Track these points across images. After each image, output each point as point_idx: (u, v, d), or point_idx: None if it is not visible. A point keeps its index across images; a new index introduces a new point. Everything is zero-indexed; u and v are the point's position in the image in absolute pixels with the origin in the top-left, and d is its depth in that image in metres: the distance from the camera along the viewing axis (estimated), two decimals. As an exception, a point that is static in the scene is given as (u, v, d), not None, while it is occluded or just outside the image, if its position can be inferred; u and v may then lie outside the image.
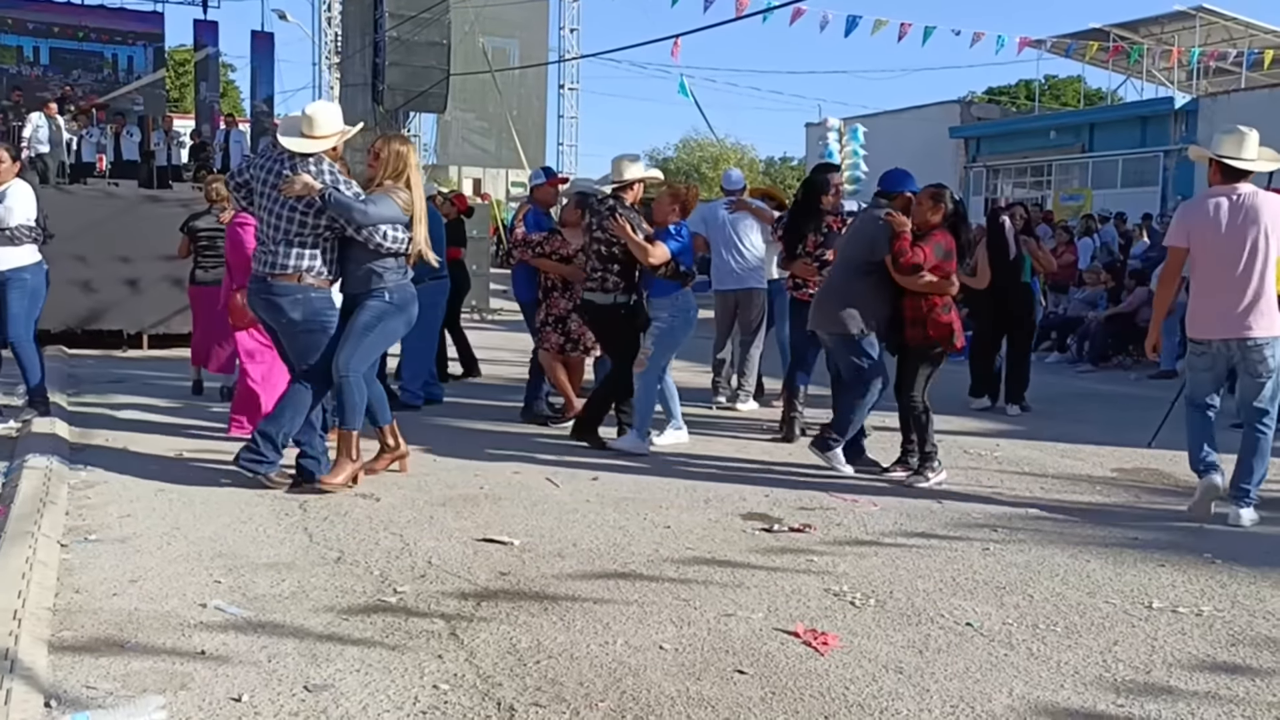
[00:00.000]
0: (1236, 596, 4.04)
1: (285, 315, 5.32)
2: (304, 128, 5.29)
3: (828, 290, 6.16)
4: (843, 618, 3.70)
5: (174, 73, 35.40)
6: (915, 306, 5.87)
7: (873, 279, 5.91)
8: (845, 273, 6.06)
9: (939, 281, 5.83)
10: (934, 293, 5.85)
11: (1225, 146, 5.15)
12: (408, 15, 17.61)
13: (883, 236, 5.84)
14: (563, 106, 30.73)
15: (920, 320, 5.87)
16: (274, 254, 5.26)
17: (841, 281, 6.07)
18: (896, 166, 6.60)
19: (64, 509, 4.87)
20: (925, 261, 5.74)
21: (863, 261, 5.94)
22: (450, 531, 4.68)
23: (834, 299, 6.03)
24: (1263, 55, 23.25)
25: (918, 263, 5.71)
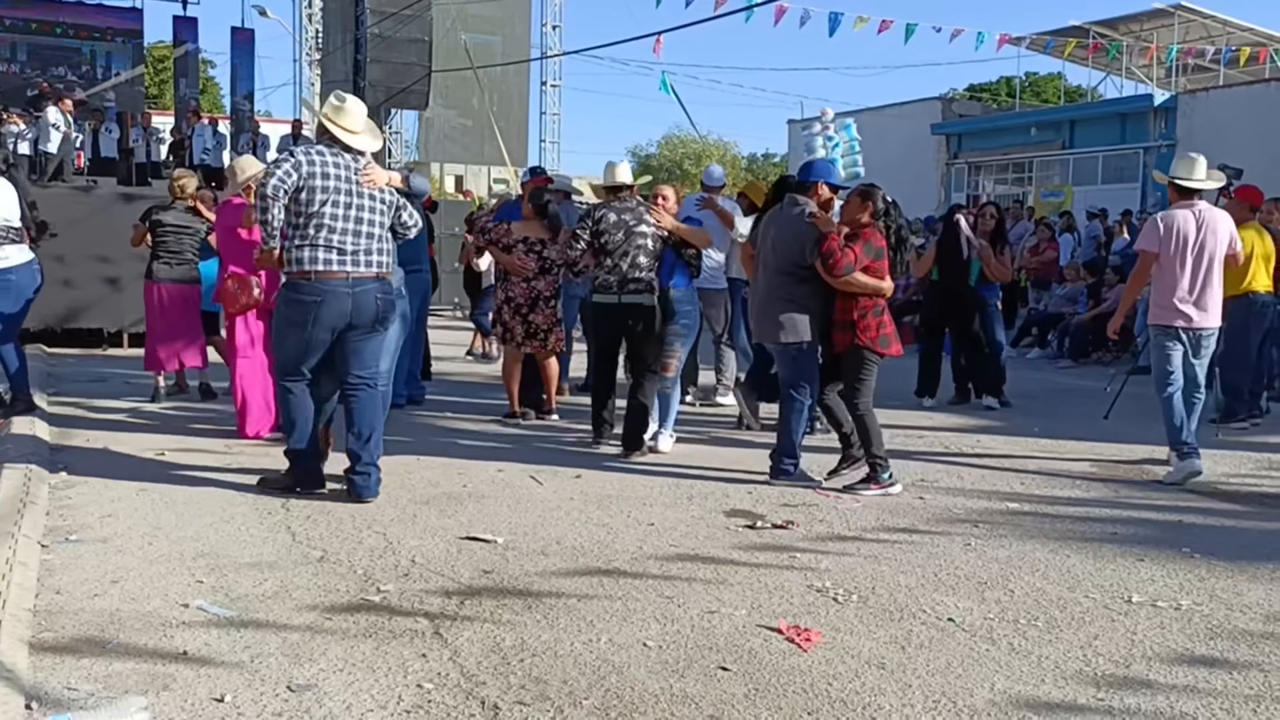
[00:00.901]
0: (1215, 590, 4.07)
1: (391, 315, 5.34)
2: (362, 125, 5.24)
3: (767, 299, 5.89)
4: (825, 614, 3.72)
5: (153, 69, 35.13)
6: (845, 309, 5.68)
7: (811, 284, 5.72)
8: (779, 278, 5.82)
9: (872, 282, 5.66)
10: (867, 294, 5.66)
11: (1181, 169, 6.32)
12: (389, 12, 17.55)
13: (811, 238, 5.65)
14: (545, 103, 30.71)
15: (849, 324, 5.66)
16: (377, 252, 5.17)
17: (778, 287, 5.82)
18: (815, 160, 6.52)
19: (44, 509, 4.83)
20: (856, 262, 5.56)
21: (796, 266, 5.73)
22: (434, 530, 4.67)
23: (774, 307, 5.80)
24: (1239, 53, 23.41)
25: (849, 264, 5.53)
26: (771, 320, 5.81)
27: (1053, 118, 28.62)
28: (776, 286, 5.81)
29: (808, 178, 5.96)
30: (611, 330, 6.61)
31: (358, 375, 5.19)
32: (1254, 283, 7.90)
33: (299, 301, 5.07)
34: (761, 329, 5.97)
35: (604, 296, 6.52)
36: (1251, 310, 7.98)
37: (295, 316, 5.10)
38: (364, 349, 5.20)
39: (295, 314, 5.10)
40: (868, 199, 5.77)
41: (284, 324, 5.19)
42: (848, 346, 5.70)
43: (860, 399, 5.69)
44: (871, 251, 5.65)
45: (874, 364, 5.71)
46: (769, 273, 5.87)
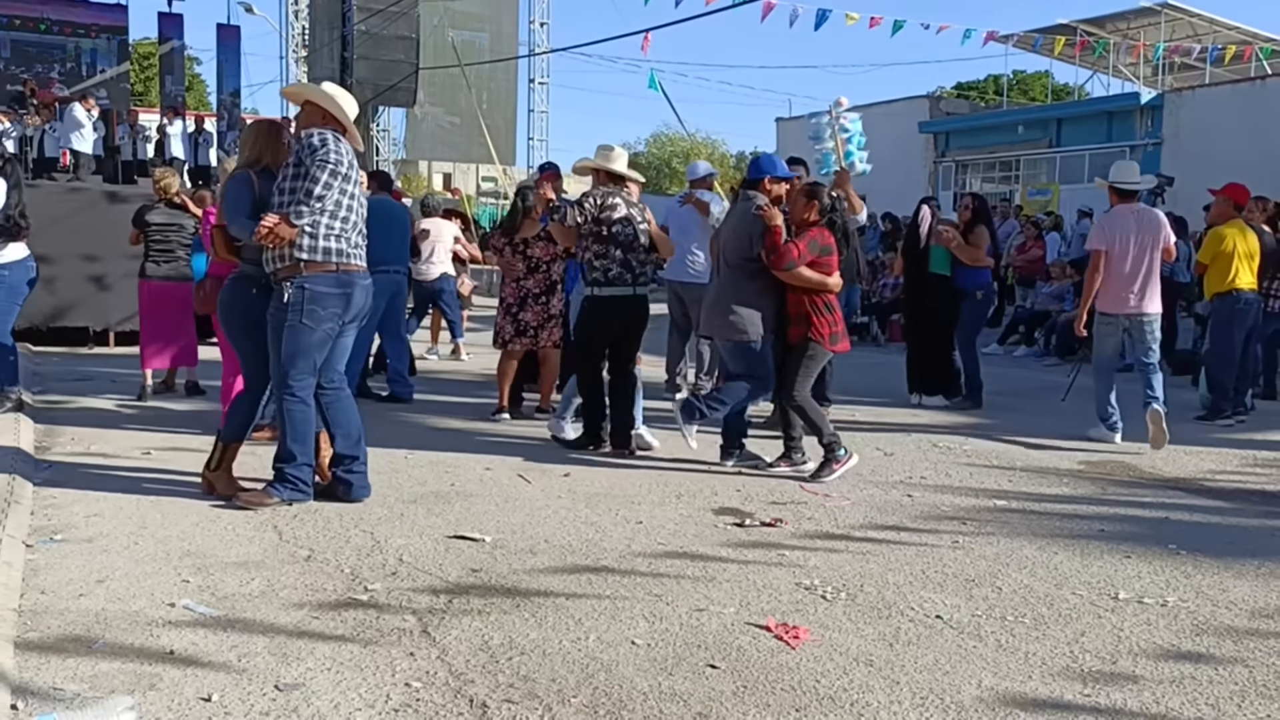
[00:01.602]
0: (1200, 587, 4.09)
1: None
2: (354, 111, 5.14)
3: (718, 294, 5.91)
4: (814, 611, 3.72)
5: (138, 66, 34.98)
6: (797, 303, 5.81)
7: (761, 280, 5.78)
8: (731, 274, 5.87)
9: (818, 278, 5.75)
10: (815, 289, 5.77)
11: (1120, 175, 7.32)
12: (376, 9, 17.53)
13: (757, 231, 5.72)
14: (533, 101, 30.69)
15: (802, 317, 5.79)
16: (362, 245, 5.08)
17: (730, 284, 5.87)
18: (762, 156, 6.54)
19: (29, 509, 4.80)
20: (800, 258, 5.64)
21: (745, 260, 5.79)
22: (421, 529, 4.66)
23: (724, 303, 5.83)
24: (1225, 51, 23.52)
25: (792, 259, 5.62)
26: (722, 317, 5.84)
27: (1040, 116, 28.72)
28: (729, 282, 5.87)
29: (757, 174, 6.03)
30: (622, 324, 6.45)
31: (339, 373, 5.12)
32: (1237, 280, 7.95)
33: (329, 295, 4.85)
34: (712, 325, 5.96)
35: (619, 289, 6.36)
36: (1235, 307, 8.03)
37: (323, 313, 4.85)
38: (347, 345, 5.13)
39: (324, 310, 4.85)
40: (813, 197, 5.86)
41: (308, 321, 4.83)
42: (799, 339, 5.82)
43: (800, 389, 5.80)
44: (817, 248, 5.74)
45: (820, 358, 5.88)
46: (723, 268, 5.95)
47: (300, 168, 4.81)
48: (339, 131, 4.99)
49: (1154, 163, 23.76)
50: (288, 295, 4.81)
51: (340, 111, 5.02)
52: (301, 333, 4.84)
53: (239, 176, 5.06)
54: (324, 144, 4.81)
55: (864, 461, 6.37)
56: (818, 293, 5.80)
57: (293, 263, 4.81)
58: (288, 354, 4.85)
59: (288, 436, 4.92)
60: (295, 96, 5.28)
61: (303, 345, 4.85)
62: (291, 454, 4.92)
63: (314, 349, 4.88)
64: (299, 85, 5.32)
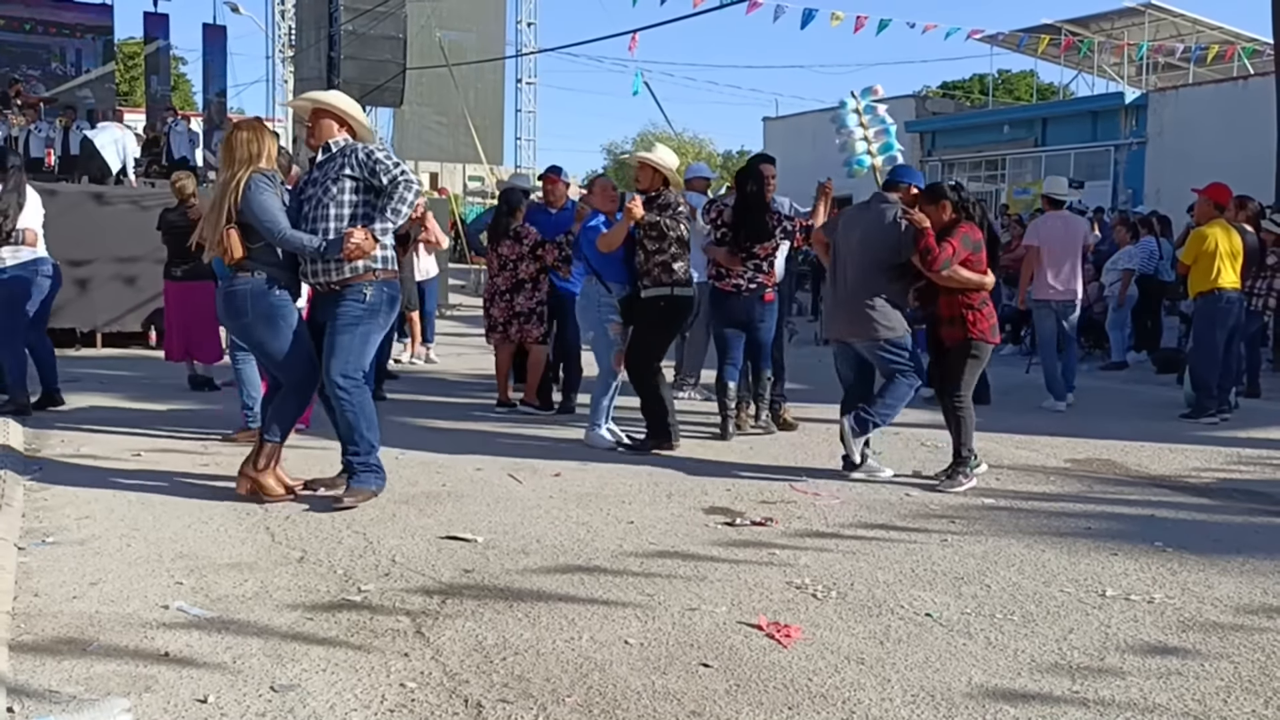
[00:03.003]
0: (1186, 583, 4.14)
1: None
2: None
3: (855, 296, 5.80)
4: (805, 610, 3.75)
5: (124, 66, 34.82)
6: (951, 304, 5.73)
7: (902, 282, 5.77)
8: (873, 276, 5.78)
9: (975, 277, 5.70)
10: (971, 288, 5.71)
11: (1053, 188, 9.00)
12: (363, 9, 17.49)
13: (908, 238, 5.65)
14: (520, 101, 30.68)
15: (957, 318, 5.72)
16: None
17: (870, 285, 5.78)
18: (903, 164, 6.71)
19: (20, 511, 4.80)
20: (954, 256, 5.59)
21: (890, 265, 5.74)
22: (413, 529, 4.68)
23: (863, 305, 5.75)
24: (1208, 50, 23.67)
25: (947, 258, 5.57)
26: (864, 318, 5.76)
27: (1025, 115, 28.86)
28: (867, 284, 5.78)
29: (900, 179, 6.04)
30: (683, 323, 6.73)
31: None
32: (1220, 280, 8.02)
33: (395, 299, 5.14)
34: (853, 327, 5.83)
35: (686, 290, 6.59)
36: (1218, 307, 8.10)
37: (392, 316, 5.18)
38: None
39: (391, 313, 5.15)
40: (939, 197, 5.78)
41: (382, 322, 5.11)
42: (958, 341, 5.74)
43: (964, 392, 5.77)
44: (969, 244, 5.68)
45: (984, 355, 5.82)
46: (857, 270, 5.84)
47: (358, 181, 4.92)
48: (351, 136, 5.07)
49: (1138, 161, 23.93)
50: (369, 296, 4.96)
51: (355, 117, 5.09)
52: (376, 333, 5.09)
53: (260, 181, 4.92)
54: (396, 162, 4.98)
55: (853, 460, 6.42)
56: (974, 291, 5.73)
57: (366, 270, 4.93)
58: (360, 350, 5.02)
59: (363, 426, 5.02)
60: (303, 108, 5.22)
61: (373, 344, 5.13)
62: (371, 443, 5.06)
63: (371, 349, 5.14)
64: (304, 96, 5.29)
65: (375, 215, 4.92)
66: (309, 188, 5.06)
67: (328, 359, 4.97)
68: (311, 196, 4.99)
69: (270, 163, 5.04)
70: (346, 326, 4.96)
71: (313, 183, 5.06)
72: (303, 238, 4.89)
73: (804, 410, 7.97)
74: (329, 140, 5.04)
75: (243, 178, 4.90)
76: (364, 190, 4.95)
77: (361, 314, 4.97)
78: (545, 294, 7.86)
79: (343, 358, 4.95)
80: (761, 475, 5.96)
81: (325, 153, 5.06)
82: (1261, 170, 14.26)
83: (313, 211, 4.96)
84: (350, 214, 4.92)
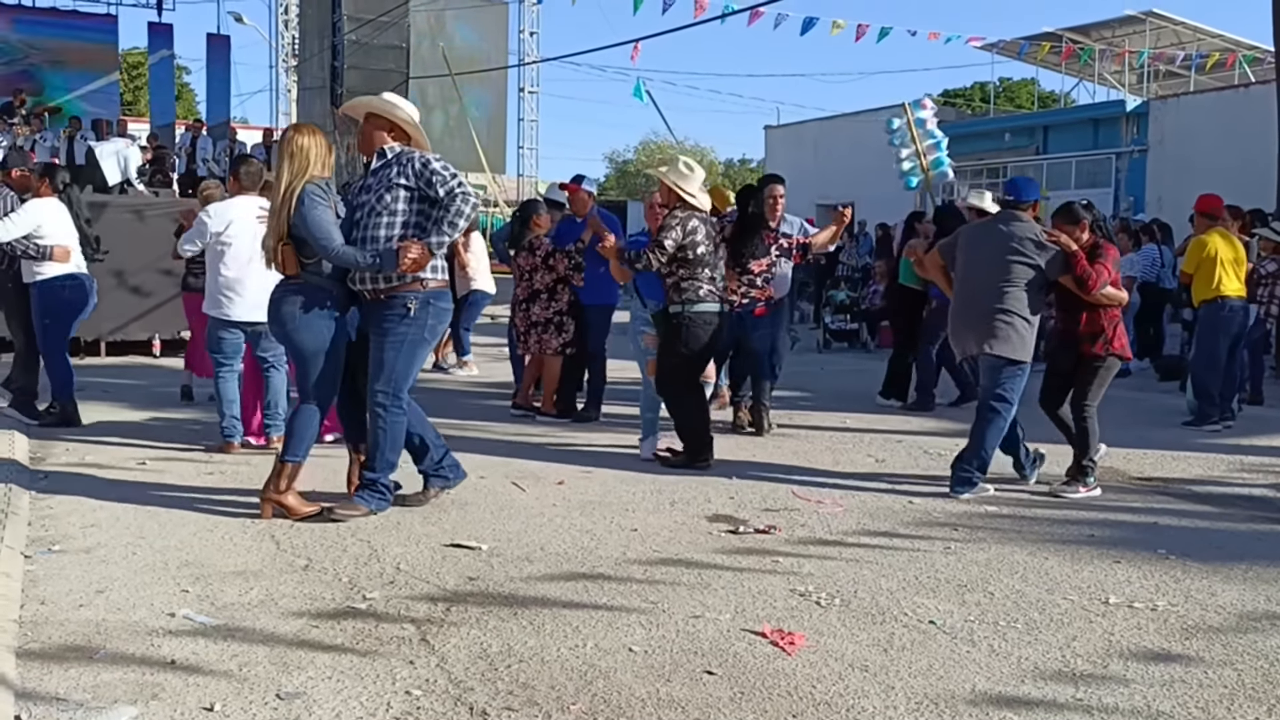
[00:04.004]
0: (1190, 591, 4.14)
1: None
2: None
3: (986, 312, 5.75)
4: (809, 617, 3.76)
5: (128, 76, 34.92)
6: (1093, 320, 5.82)
7: (1033, 300, 5.77)
8: (1004, 293, 5.74)
9: (1119, 295, 5.89)
10: (1114, 304, 5.85)
11: (980, 201, 8.20)
12: (366, 19, 17.56)
13: (1058, 260, 5.71)
14: (523, 109, 30.74)
15: (1100, 335, 5.81)
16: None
17: (1001, 302, 5.74)
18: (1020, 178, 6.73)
19: (26, 519, 4.82)
20: (1110, 277, 5.74)
21: (1027, 282, 5.73)
22: (418, 537, 4.69)
23: (1001, 321, 5.72)
24: (1209, 58, 23.72)
25: (1105, 281, 5.68)
26: (1002, 334, 5.74)
27: (1026, 123, 28.91)
28: (1004, 301, 5.75)
29: (1025, 196, 6.00)
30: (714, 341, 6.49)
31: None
32: (1223, 287, 8.03)
33: (446, 311, 5.07)
34: (989, 341, 5.78)
35: (713, 305, 6.38)
36: (1222, 314, 8.11)
37: (440, 328, 5.10)
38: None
39: (441, 325, 5.09)
40: (1076, 218, 5.84)
41: (429, 336, 5.00)
42: (1094, 355, 5.86)
43: (1093, 403, 5.91)
44: (1116, 265, 5.84)
45: (1114, 369, 5.98)
46: (984, 287, 5.81)
47: (412, 191, 4.84)
48: (404, 142, 5.00)
49: (1140, 169, 23.95)
50: (414, 308, 4.85)
51: (410, 124, 5.01)
52: (423, 348, 4.98)
53: (313, 194, 4.84)
54: (454, 174, 4.89)
55: (855, 468, 6.43)
56: (1113, 307, 5.86)
57: (413, 280, 4.84)
58: (405, 367, 4.90)
59: (387, 447, 4.94)
60: (355, 110, 5.14)
61: (419, 359, 5.00)
62: (390, 464, 4.99)
63: (423, 362, 5.07)
64: (358, 100, 5.24)
65: (430, 228, 4.82)
66: (362, 194, 4.98)
67: (373, 374, 4.90)
68: (364, 204, 4.91)
69: (327, 170, 4.98)
70: (392, 343, 4.87)
71: (365, 189, 4.97)
72: (355, 255, 4.79)
73: (806, 418, 8.00)
74: (383, 147, 4.97)
75: (297, 188, 4.82)
76: (418, 200, 4.85)
77: (406, 328, 4.87)
78: (565, 304, 7.93)
79: (386, 375, 4.88)
80: (764, 483, 5.96)
81: (380, 159, 4.97)
82: (1262, 177, 14.27)
83: (365, 220, 4.87)
84: (403, 224, 4.82)
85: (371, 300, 4.94)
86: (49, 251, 7.10)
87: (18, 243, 7.05)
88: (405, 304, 4.85)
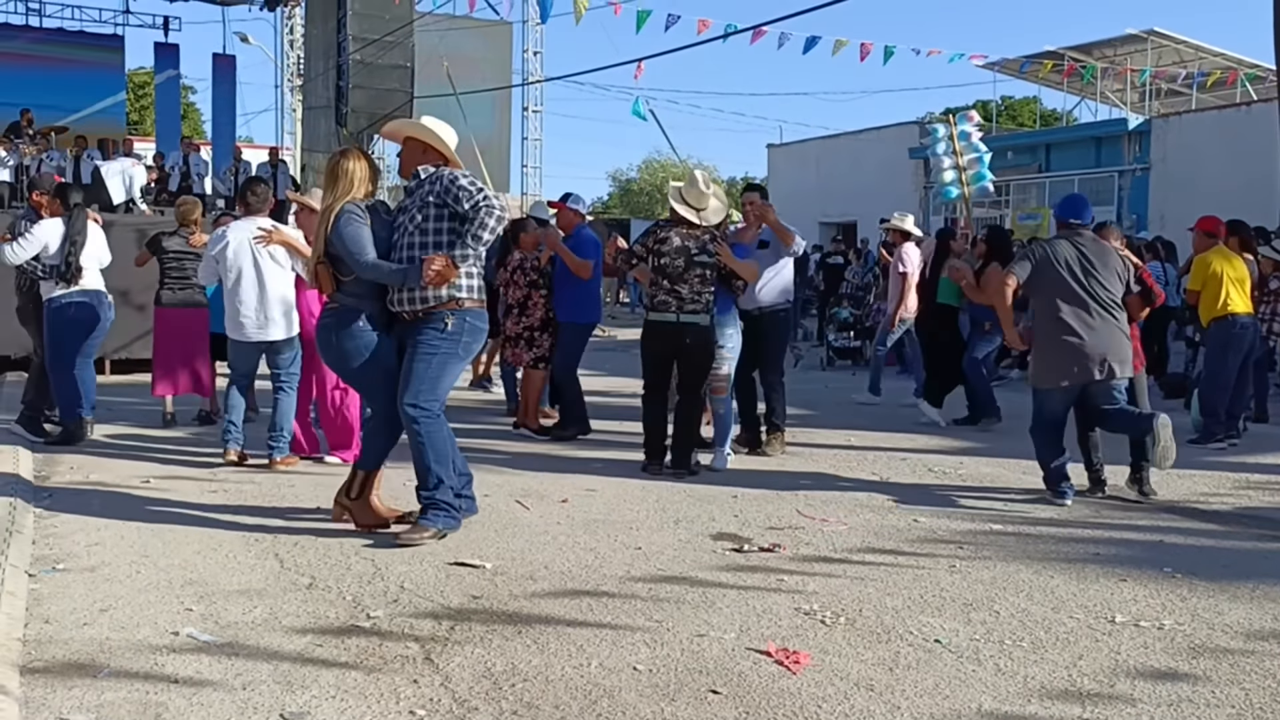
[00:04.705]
0: (1196, 610, 4.13)
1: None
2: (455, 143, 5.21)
3: (1115, 332, 5.84)
4: (814, 636, 3.75)
5: (134, 95, 35.09)
6: (1134, 335, 6.03)
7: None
8: (1118, 312, 5.86)
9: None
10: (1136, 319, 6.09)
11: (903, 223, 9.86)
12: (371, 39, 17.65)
13: (1132, 275, 5.90)
14: (526, 129, 30.81)
15: (1135, 351, 6.03)
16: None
17: (1120, 319, 5.87)
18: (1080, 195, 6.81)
19: (30, 538, 4.82)
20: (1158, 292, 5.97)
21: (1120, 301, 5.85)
22: (422, 555, 4.68)
23: (1125, 338, 5.83)
24: (1210, 76, 23.79)
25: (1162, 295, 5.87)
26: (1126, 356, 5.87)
27: (1029, 141, 28.96)
28: (1118, 320, 5.85)
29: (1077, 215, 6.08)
30: (665, 350, 6.67)
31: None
32: (1231, 305, 8.04)
33: (480, 330, 5.06)
34: (1118, 363, 5.85)
35: (661, 315, 6.59)
36: (1232, 332, 8.11)
37: (475, 345, 5.09)
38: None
39: (476, 343, 5.08)
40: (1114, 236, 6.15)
41: (463, 353, 5.00)
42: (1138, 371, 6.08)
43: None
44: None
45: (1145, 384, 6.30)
46: (1104, 306, 5.83)
47: (444, 208, 4.88)
48: (441, 163, 5.05)
49: (1142, 187, 23.98)
50: (450, 325, 4.88)
51: (443, 145, 5.06)
52: (454, 363, 4.97)
53: (351, 213, 4.93)
54: (480, 188, 4.89)
55: (860, 485, 6.42)
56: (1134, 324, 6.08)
57: (449, 299, 4.87)
58: (437, 381, 4.91)
59: (431, 459, 4.90)
60: (395, 134, 5.22)
61: (452, 374, 5.01)
62: (439, 478, 4.92)
63: (451, 380, 5.03)
64: (397, 123, 5.35)
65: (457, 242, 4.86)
66: (400, 215, 5.04)
67: (402, 386, 4.90)
68: (401, 224, 4.98)
69: (369, 192, 5.08)
70: (424, 355, 4.88)
71: (403, 210, 5.04)
72: (383, 266, 4.87)
73: (810, 435, 7.99)
74: (419, 169, 5.04)
75: (336, 208, 4.91)
76: (449, 218, 4.89)
77: (439, 342, 4.88)
78: (537, 319, 8.13)
79: (415, 386, 4.87)
80: (769, 501, 5.96)
81: (415, 180, 5.05)
82: (1264, 195, 14.33)
83: (401, 240, 4.94)
84: (435, 242, 4.87)
85: (410, 320, 4.96)
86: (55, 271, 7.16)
87: (28, 264, 7.17)
88: (443, 320, 4.90)
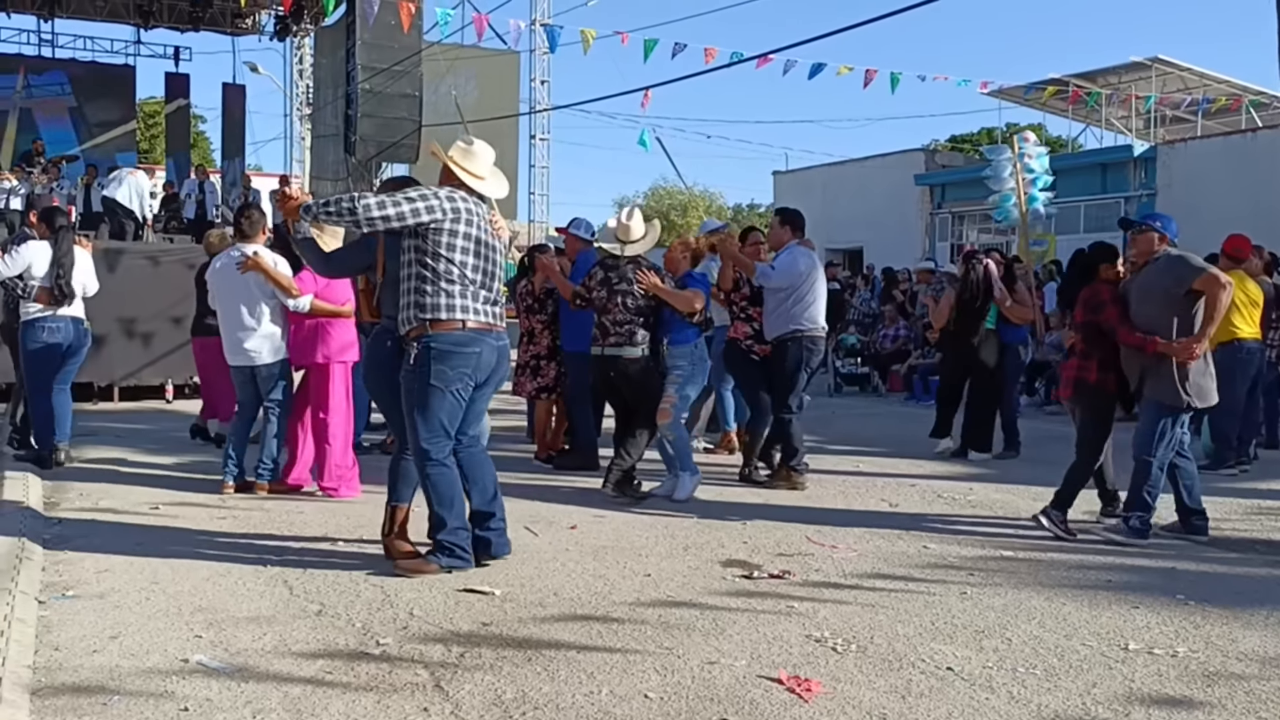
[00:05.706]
0: (1210, 637, 4.10)
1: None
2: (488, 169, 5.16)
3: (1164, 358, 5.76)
4: (825, 664, 3.73)
5: (144, 124, 35.36)
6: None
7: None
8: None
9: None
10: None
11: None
12: (380, 68, 17.78)
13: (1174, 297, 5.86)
14: (534, 156, 30.96)
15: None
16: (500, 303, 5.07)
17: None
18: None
19: (40, 565, 4.82)
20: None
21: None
22: (430, 582, 4.67)
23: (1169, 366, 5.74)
24: (1215, 103, 23.85)
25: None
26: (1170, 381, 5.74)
27: (1035, 168, 28.95)
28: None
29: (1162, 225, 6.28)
30: (602, 381, 7.03)
31: (469, 433, 4.95)
32: (1239, 330, 8.02)
33: (455, 354, 4.68)
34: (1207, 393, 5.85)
35: (592, 348, 6.95)
36: (1238, 357, 8.08)
37: (451, 372, 4.69)
38: (482, 405, 5.04)
39: (452, 370, 4.69)
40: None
41: (436, 382, 4.68)
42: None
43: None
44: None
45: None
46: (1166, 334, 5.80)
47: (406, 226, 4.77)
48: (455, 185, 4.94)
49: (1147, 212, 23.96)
50: (414, 355, 4.69)
51: (461, 169, 4.99)
52: (431, 394, 4.69)
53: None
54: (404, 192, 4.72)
55: (869, 512, 6.40)
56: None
57: (419, 323, 4.69)
58: (422, 420, 4.71)
59: (434, 502, 4.78)
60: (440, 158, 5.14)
61: (436, 406, 4.70)
62: (442, 520, 4.78)
63: (445, 410, 4.72)
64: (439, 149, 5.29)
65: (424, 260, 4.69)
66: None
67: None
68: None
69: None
70: (404, 394, 4.80)
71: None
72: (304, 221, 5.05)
73: (818, 461, 7.96)
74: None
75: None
76: (409, 235, 4.71)
77: (408, 377, 4.75)
78: (543, 347, 8.13)
79: (411, 430, 4.79)
80: (778, 527, 5.93)
81: None
82: (1271, 221, 14.33)
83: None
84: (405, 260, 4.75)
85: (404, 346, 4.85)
86: (33, 292, 7.32)
87: (11, 282, 7.33)
88: (411, 349, 4.74)
